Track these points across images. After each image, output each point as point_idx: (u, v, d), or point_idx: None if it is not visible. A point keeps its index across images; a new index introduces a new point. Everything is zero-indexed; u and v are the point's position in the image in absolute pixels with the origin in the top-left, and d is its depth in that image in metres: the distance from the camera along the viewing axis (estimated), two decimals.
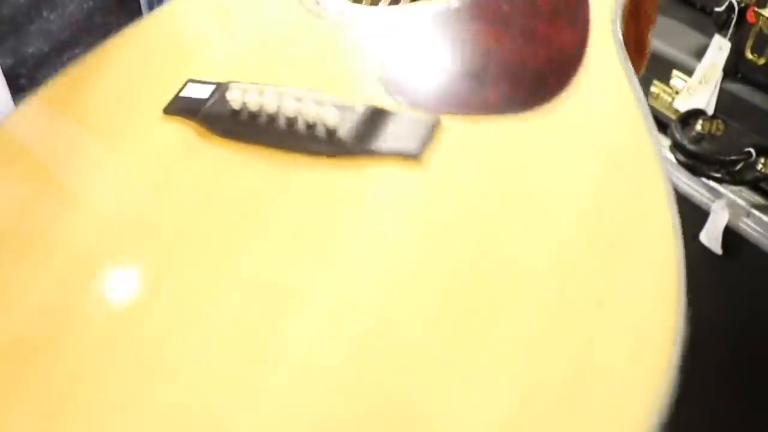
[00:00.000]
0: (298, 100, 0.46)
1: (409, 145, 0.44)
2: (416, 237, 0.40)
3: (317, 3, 0.58)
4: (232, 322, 0.37)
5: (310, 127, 0.45)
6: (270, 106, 0.46)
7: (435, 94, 0.49)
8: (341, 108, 0.45)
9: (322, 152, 0.45)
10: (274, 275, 0.39)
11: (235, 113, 0.48)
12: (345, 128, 0.45)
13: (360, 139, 0.44)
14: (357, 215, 0.42)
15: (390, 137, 0.45)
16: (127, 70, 0.57)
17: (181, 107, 0.50)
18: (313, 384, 0.33)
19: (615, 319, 0.35)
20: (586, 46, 0.51)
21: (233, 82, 0.50)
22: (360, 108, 0.46)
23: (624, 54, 0.50)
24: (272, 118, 0.46)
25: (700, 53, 0.98)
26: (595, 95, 0.48)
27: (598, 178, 0.42)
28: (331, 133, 0.45)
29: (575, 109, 0.46)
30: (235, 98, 0.48)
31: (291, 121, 0.46)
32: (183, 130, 0.49)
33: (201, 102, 0.50)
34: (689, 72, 0.96)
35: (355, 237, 0.40)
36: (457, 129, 0.45)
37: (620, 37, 0.52)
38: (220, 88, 0.50)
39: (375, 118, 0.46)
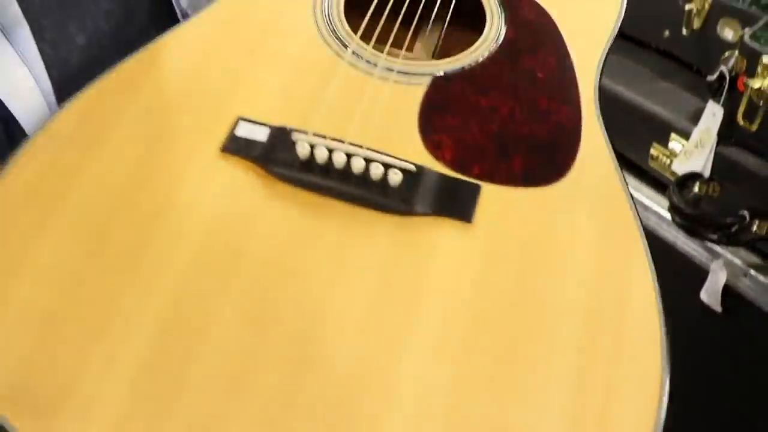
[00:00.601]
0: (366, 159, 0.52)
1: (462, 209, 0.52)
2: (474, 289, 0.49)
3: (341, 45, 0.62)
4: (344, 364, 0.44)
5: (375, 185, 0.52)
6: (339, 161, 0.52)
7: (470, 160, 0.56)
8: (404, 170, 0.52)
9: (386, 210, 0.51)
10: (371, 324, 0.46)
11: (304, 164, 0.52)
12: (408, 189, 0.52)
13: (422, 201, 0.52)
14: (425, 271, 0.49)
15: (446, 200, 0.52)
16: (164, 96, 0.59)
17: (239, 148, 0.53)
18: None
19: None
20: (581, 123, 0.60)
21: (294, 130, 0.54)
22: (419, 170, 0.53)
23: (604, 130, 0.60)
24: (341, 174, 0.52)
25: (696, 116, 1.02)
26: (592, 174, 0.57)
27: (595, 247, 0.53)
28: (395, 192, 0.52)
29: (578, 185, 0.56)
30: (304, 150, 0.52)
31: (358, 179, 0.52)
32: (245, 172, 0.53)
33: (261, 145, 0.53)
34: (686, 135, 1.00)
35: (430, 290, 0.48)
36: (493, 196, 0.53)
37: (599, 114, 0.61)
38: (279, 133, 0.54)
39: (431, 181, 0.53)
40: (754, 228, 0.91)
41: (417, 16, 0.68)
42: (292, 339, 0.45)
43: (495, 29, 0.67)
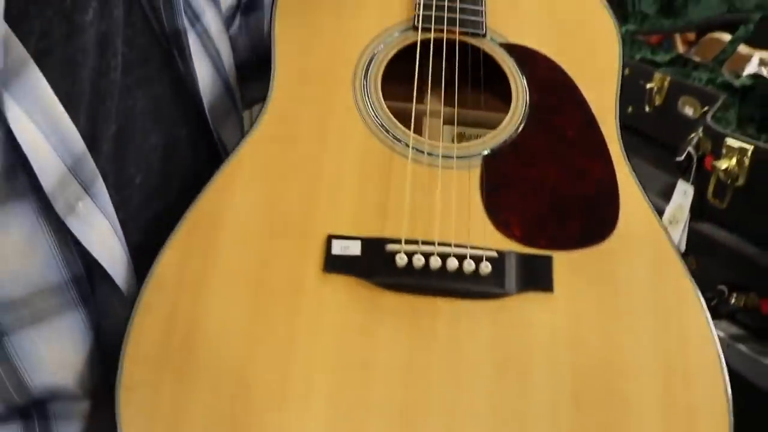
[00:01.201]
0: (457, 256, 0.56)
1: (543, 282, 0.57)
2: (569, 352, 0.54)
3: (395, 139, 0.64)
4: None
5: (470, 278, 0.56)
6: (435, 264, 0.56)
7: (536, 233, 0.60)
8: (490, 259, 0.56)
9: (483, 297, 0.55)
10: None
11: (403, 271, 0.56)
12: (498, 275, 0.56)
13: (510, 282, 0.56)
14: (528, 345, 0.54)
15: (528, 277, 0.57)
16: (248, 228, 0.59)
17: (339, 265, 0.56)
18: None
19: None
20: (615, 174, 0.64)
21: (386, 240, 0.57)
22: (501, 256, 0.57)
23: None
24: (437, 273, 0.56)
25: (666, 192, 1.07)
26: (636, 222, 0.62)
27: (652, 289, 0.58)
28: (487, 280, 0.56)
29: (628, 236, 0.61)
30: (402, 261, 0.56)
31: (454, 275, 0.56)
32: (351, 288, 0.55)
33: (358, 260, 0.56)
34: (659, 213, 1.04)
35: (535, 362, 0.53)
36: (563, 262, 0.58)
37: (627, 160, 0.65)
38: (373, 245, 0.57)
39: (513, 262, 0.57)
40: (733, 300, 0.95)
41: (442, 88, 0.72)
42: None
43: (521, 94, 0.69)
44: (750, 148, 0.92)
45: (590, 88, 0.70)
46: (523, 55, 0.71)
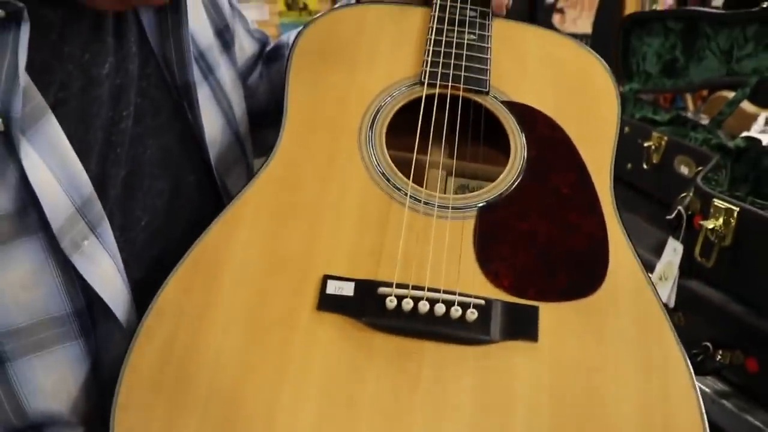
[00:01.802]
0: (445, 302, 0.58)
1: (528, 331, 0.59)
2: (551, 402, 0.56)
3: (394, 188, 0.67)
4: None
5: (456, 323, 0.58)
6: (423, 309, 0.58)
7: (525, 284, 0.62)
8: (477, 306, 0.59)
9: (468, 343, 0.58)
10: None
11: (393, 313, 0.58)
12: (484, 322, 0.58)
13: (495, 329, 0.58)
14: (510, 392, 0.56)
15: (513, 325, 0.59)
16: (249, 265, 0.62)
17: (332, 305, 0.59)
18: None
19: None
20: (606, 230, 0.67)
21: (379, 283, 0.60)
22: (489, 304, 0.60)
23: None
24: (425, 317, 0.58)
25: (658, 249, 1.10)
26: (624, 277, 0.64)
27: (636, 343, 0.60)
28: (473, 327, 0.58)
29: (615, 290, 0.63)
30: (392, 303, 0.58)
31: (441, 320, 0.58)
32: (343, 326, 0.58)
33: (350, 300, 0.59)
34: (650, 269, 1.07)
35: (516, 409, 0.55)
36: (549, 313, 0.60)
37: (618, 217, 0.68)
38: (365, 287, 0.60)
39: (500, 311, 0.60)
40: (718, 357, 0.97)
41: (443, 141, 0.75)
42: None
43: (519, 150, 0.71)
44: (736, 209, 0.95)
45: (587, 146, 0.72)
46: (524, 113, 0.74)
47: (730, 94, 2.10)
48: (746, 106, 2.12)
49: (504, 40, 0.80)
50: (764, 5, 1.30)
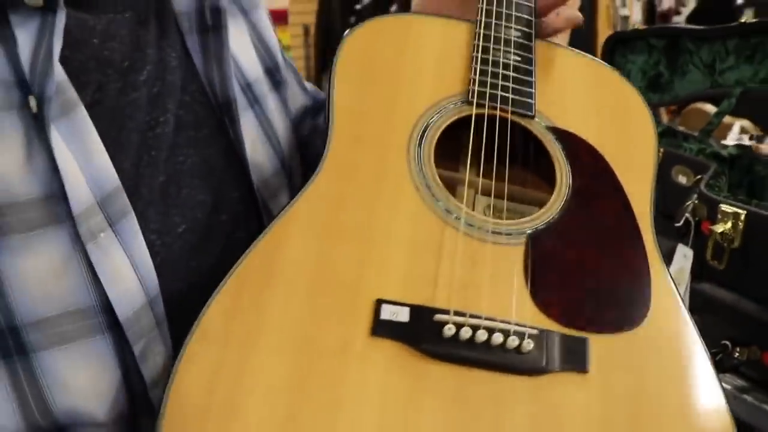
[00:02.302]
0: (502, 331, 0.58)
1: (579, 362, 0.58)
2: (599, 428, 0.56)
3: (447, 212, 0.65)
4: None
5: (512, 353, 0.58)
6: (481, 338, 0.57)
7: (574, 314, 0.62)
8: (532, 336, 0.58)
9: (524, 373, 0.57)
10: None
11: (449, 341, 0.57)
12: (538, 353, 0.58)
13: (549, 360, 0.58)
14: (564, 424, 0.56)
15: (565, 356, 0.58)
16: (299, 287, 0.59)
17: (387, 330, 0.56)
18: None
19: None
20: (648, 262, 0.66)
21: (435, 310, 0.58)
22: (542, 334, 0.59)
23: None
24: (482, 346, 0.58)
25: (666, 257, 1.15)
26: (665, 311, 0.64)
27: (680, 378, 0.60)
28: (528, 357, 0.58)
29: (658, 324, 0.62)
30: (450, 331, 0.57)
31: (497, 349, 0.58)
32: (398, 353, 0.56)
33: (405, 326, 0.57)
34: None
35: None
36: (598, 344, 0.60)
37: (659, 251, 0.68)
38: (421, 313, 0.58)
39: (552, 342, 0.59)
40: (736, 354, 1.02)
41: (494, 168, 0.73)
42: None
43: (565, 178, 0.71)
44: (743, 212, 1.01)
45: (628, 177, 0.72)
46: (569, 141, 0.74)
47: (704, 106, 2.19)
48: (706, 107, 2.21)
49: (546, 63, 0.80)
50: (742, 20, 1.37)
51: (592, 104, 0.79)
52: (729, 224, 1.02)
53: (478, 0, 0.80)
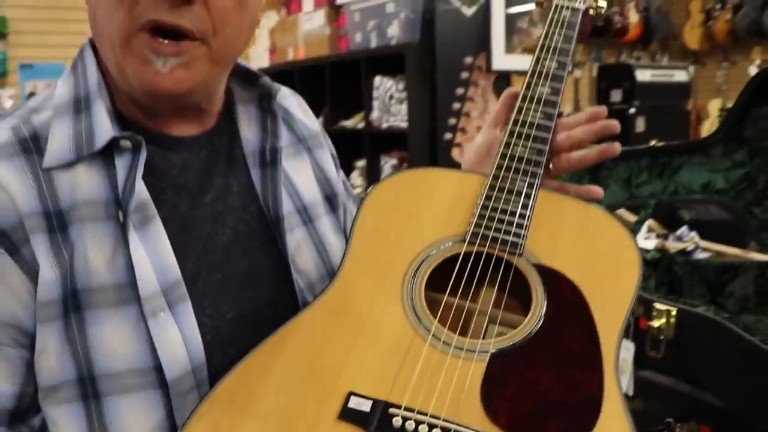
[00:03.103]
0: (442, 428, 0.68)
1: None
2: None
3: (425, 329, 0.77)
4: None
5: None
6: (422, 430, 0.68)
7: (519, 425, 0.70)
8: None
9: None
10: None
11: (396, 431, 0.68)
12: None
13: None
14: None
15: None
16: (292, 372, 0.74)
17: (351, 417, 0.70)
18: None
19: None
20: (603, 389, 0.73)
21: (390, 405, 0.70)
22: None
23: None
24: None
25: None
26: None
27: None
28: None
29: None
30: (397, 423, 0.68)
31: None
32: None
33: (365, 414, 0.70)
34: None
35: None
36: None
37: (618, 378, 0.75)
38: (379, 406, 0.70)
39: None
40: (677, 430, 1.21)
41: (479, 291, 0.84)
42: None
43: (539, 308, 0.79)
44: (674, 309, 1.21)
45: (603, 311, 0.79)
46: (549, 276, 0.83)
47: (623, 214, 2.44)
48: (626, 216, 2.47)
49: (545, 209, 0.90)
50: (652, 144, 1.62)
51: (582, 247, 0.87)
52: (663, 320, 1.22)
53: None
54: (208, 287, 0.83)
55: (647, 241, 2.28)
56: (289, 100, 1.01)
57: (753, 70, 6.43)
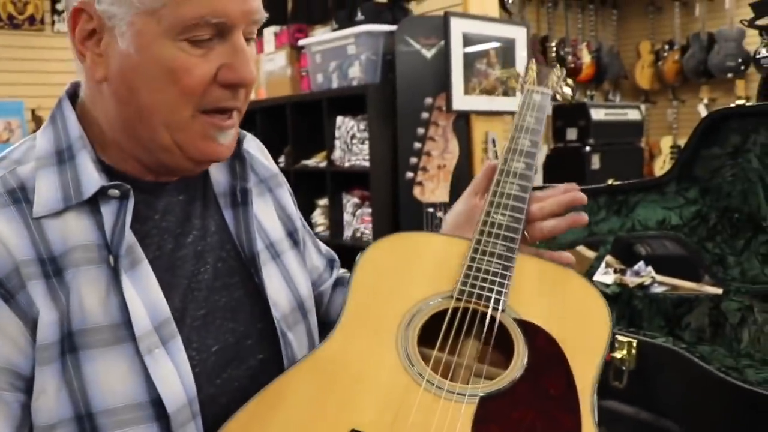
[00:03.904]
0: None
1: None
2: None
3: (418, 374, 0.86)
4: None
5: None
6: None
7: None
8: None
9: None
10: None
11: None
12: None
13: None
14: None
15: None
16: (296, 413, 0.82)
17: None
18: None
19: None
20: (581, 427, 0.82)
21: None
22: None
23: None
24: None
25: None
26: None
27: None
28: None
29: None
30: None
31: None
32: None
33: None
34: None
35: None
36: None
37: (595, 418, 0.84)
38: None
39: None
40: None
41: (467, 343, 0.94)
42: None
43: (520, 357, 0.89)
44: (634, 341, 1.27)
45: (577, 360, 0.89)
46: (529, 329, 0.93)
47: (583, 250, 2.51)
48: (586, 252, 2.55)
49: (524, 270, 1.01)
50: (609, 182, 1.69)
51: (558, 304, 0.98)
52: (625, 351, 1.28)
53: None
54: (194, 322, 0.88)
55: (605, 276, 2.35)
56: (251, 144, 1.08)
57: (702, 108, 6.65)
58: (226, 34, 0.82)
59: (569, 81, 1.33)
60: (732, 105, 1.56)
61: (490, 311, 0.94)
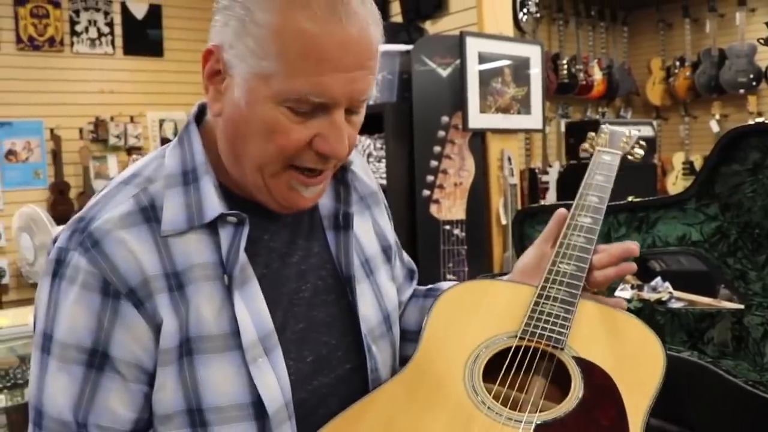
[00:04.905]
0: None
1: None
2: None
3: (481, 402, 0.95)
4: None
5: None
6: None
7: None
8: None
9: None
10: None
11: None
12: None
13: None
14: None
15: None
16: None
17: None
18: None
19: None
20: None
21: None
22: None
23: None
24: None
25: None
26: None
27: None
28: None
29: None
30: None
31: None
32: None
33: None
34: None
35: None
36: None
37: None
38: None
39: None
40: None
41: (529, 376, 1.03)
42: None
43: (576, 391, 0.97)
44: None
45: (630, 393, 0.97)
46: (586, 367, 1.01)
47: None
48: None
49: (584, 314, 1.11)
50: (629, 199, 1.72)
51: (615, 344, 1.07)
52: None
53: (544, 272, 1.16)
54: (293, 335, 0.98)
55: (623, 291, 2.38)
56: (356, 161, 1.15)
57: (714, 124, 6.68)
58: (327, 109, 0.89)
59: (642, 143, 1.45)
60: (750, 122, 1.58)
61: (550, 349, 1.03)
